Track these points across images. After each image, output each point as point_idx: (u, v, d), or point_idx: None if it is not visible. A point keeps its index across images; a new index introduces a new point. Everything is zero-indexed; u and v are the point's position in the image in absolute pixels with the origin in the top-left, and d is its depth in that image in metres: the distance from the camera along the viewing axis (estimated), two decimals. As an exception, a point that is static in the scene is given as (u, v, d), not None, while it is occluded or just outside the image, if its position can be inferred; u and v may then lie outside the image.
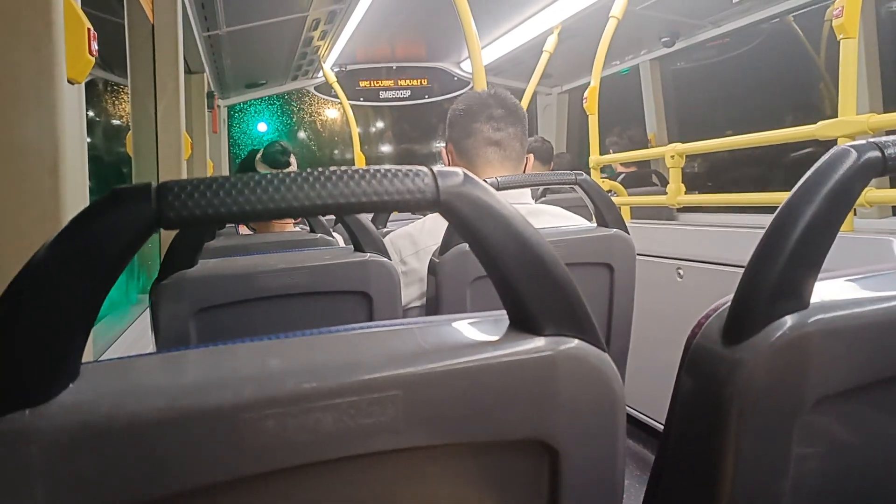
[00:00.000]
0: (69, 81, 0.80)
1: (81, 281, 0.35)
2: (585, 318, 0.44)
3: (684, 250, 2.28)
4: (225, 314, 1.08)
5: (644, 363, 1.76)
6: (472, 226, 0.42)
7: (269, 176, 0.38)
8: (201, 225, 0.38)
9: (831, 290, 0.50)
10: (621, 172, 3.56)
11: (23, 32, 0.76)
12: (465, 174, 0.42)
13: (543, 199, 3.00)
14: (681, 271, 2.27)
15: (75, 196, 0.81)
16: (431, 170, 0.41)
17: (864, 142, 0.48)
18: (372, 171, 0.40)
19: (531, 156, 1.51)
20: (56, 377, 0.36)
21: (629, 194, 3.03)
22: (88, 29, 0.81)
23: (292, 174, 0.38)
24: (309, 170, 0.39)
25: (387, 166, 0.40)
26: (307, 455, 0.39)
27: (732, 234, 2.12)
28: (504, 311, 0.46)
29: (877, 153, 0.47)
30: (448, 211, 0.41)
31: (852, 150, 0.47)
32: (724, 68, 3.72)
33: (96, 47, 0.83)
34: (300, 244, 1.69)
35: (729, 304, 0.50)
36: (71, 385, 0.36)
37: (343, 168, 0.39)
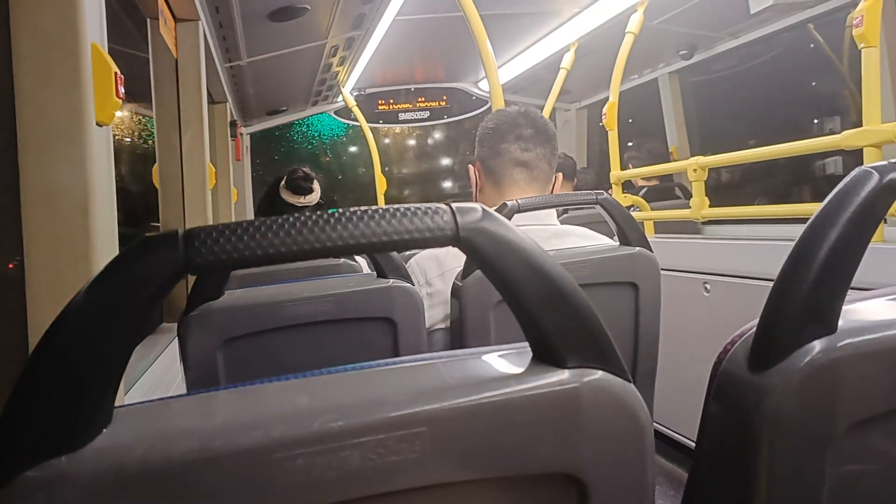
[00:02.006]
0: (98, 124, 0.82)
1: (114, 327, 0.36)
2: (609, 349, 0.44)
3: (711, 264, 2.25)
4: (252, 343, 1.10)
5: (673, 380, 1.73)
6: (491, 261, 0.42)
7: (291, 219, 0.39)
8: (228, 269, 0.39)
9: (859, 313, 0.50)
10: (643, 186, 3.53)
11: (53, 78, 0.79)
12: (484, 210, 0.42)
13: (565, 215, 2.99)
14: (707, 286, 2.24)
15: (105, 234, 0.84)
16: (450, 206, 0.42)
17: (885, 162, 0.48)
18: (392, 210, 0.40)
19: (560, 174, 1.50)
20: (91, 422, 0.37)
21: (652, 208, 3.01)
22: (115, 73, 0.84)
23: (314, 216, 0.39)
24: (330, 211, 0.40)
25: (406, 205, 0.41)
26: (335, 494, 0.39)
27: (760, 247, 2.09)
28: (527, 343, 0.46)
29: None
30: (468, 247, 0.42)
31: (874, 171, 0.47)
32: (746, 78, 3.70)
33: (123, 91, 0.85)
34: (324, 270, 1.70)
35: (755, 329, 0.49)
36: (105, 430, 0.37)
37: (364, 208, 0.40)
